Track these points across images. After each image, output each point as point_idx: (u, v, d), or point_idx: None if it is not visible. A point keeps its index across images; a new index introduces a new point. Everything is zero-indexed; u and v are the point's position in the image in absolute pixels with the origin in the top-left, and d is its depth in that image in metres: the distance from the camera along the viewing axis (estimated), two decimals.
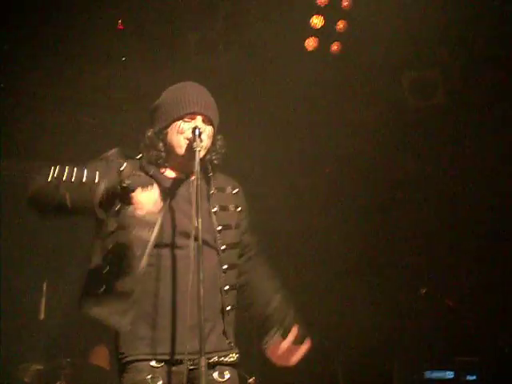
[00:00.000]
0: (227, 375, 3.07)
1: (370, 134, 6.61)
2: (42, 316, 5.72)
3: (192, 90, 3.18)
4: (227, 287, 3.10)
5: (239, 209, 3.26)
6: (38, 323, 5.89)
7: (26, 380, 5.34)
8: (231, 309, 3.12)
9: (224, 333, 3.08)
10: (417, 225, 6.88)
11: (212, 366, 3.01)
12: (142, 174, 3.07)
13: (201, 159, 2.99)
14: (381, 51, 5.95)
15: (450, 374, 5.84)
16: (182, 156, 3.11)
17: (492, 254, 6.48)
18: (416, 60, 6.15)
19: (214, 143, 3.19)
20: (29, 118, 6.18)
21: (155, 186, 2.91)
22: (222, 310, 3.08)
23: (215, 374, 3.04)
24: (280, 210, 6.81)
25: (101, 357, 6.04)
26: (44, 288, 5.74)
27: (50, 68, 5.88)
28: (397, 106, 6.46)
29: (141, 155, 3.17)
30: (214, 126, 3.18)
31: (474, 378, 5.81)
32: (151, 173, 3.10)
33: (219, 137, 3.24)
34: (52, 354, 5.61)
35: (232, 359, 3.11)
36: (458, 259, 6.74)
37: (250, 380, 5.42)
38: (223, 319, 3.08)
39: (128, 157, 3.10)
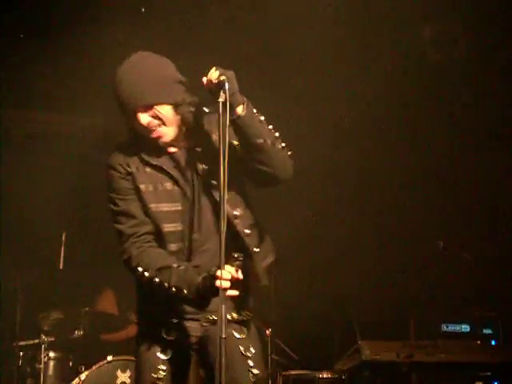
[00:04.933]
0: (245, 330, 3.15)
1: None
2: (61, 266, 5.79)
3: (127, 84, 3.00)
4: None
5: None
6: (58, 273, 5.96)
7: (45, 328, 5.43)
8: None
9: None
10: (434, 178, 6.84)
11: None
12: (146, 166, 3.12)
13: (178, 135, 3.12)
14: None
15: (465, 328, 5.85)
16: (154, 139, 3.10)
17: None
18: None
19: (179, 112, 3.09)
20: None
21: (163, 175, 3.09)
22: None
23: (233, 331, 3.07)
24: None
25: (109, 300, 6.15)
26: (63, 238, 5.79)
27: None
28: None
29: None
30: (167, 103, 3.06)
31: (490, 331, 5.82)
32: (151, 159, 3.12)
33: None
34: (70, 302, 5.69)
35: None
36: (475, 212, 6.72)
37: (267, 332, 5.48)
38: None
39: (127, 150, 3.16)
